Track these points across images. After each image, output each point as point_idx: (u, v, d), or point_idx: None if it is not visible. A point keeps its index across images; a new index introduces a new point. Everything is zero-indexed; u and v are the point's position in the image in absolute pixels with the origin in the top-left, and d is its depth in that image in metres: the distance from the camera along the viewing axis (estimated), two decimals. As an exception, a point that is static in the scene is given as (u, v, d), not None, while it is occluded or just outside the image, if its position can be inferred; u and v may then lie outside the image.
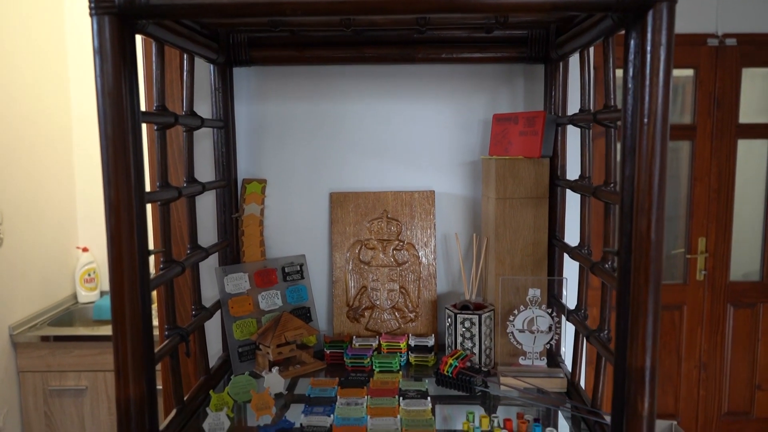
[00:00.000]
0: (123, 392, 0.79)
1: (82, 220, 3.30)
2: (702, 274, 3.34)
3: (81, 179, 3.30)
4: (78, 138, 3.28)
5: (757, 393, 3.42)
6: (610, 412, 0.84)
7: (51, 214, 3.11)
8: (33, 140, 2.94)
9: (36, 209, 2.96)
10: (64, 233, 3.20)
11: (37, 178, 2.98)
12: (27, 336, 2.73)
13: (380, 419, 0.95)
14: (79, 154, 3.27)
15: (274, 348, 1.13)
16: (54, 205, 3.13)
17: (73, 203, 3.31)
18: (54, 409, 2.77)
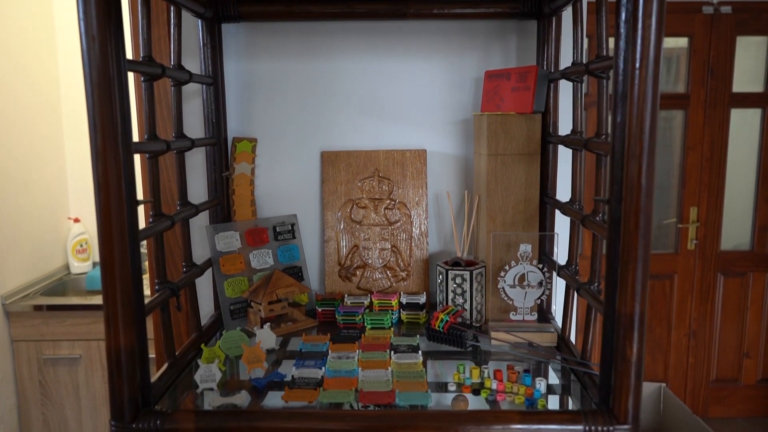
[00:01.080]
0: (113, 341, 0.79)
1: (73, 191, 3.29)
2: (693, 243, 3.36)
3: (71, 150, 3.28)
4: (67, 109, 3.24)
5: (744, 360, 3.47)
6: (599, 362, 0.85)
7: (41, 184, 3.08)
8: (22, 112, 2.90)
9: (26, 180, 2.93)
10: (54, 204, 3.18)
11: (27, 149, 2.95)
12: (20, 305, 2.73)
13: (371, 371, 0.96)
14: (69, 126, 3.24)
15: (265, 305, 1.13)
16: (44, 176, 3.10)
17: (64, 174, 3.29)
18: (48, 377, 2.78)
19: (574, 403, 0.93)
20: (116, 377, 0.80)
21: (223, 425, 0.82)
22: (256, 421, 0.81)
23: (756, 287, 3.40)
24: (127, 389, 0.80)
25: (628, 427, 0.80)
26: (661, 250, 3.40)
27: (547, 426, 0.81)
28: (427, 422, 0.81)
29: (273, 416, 0.82)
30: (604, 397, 0.82)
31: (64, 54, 3.13)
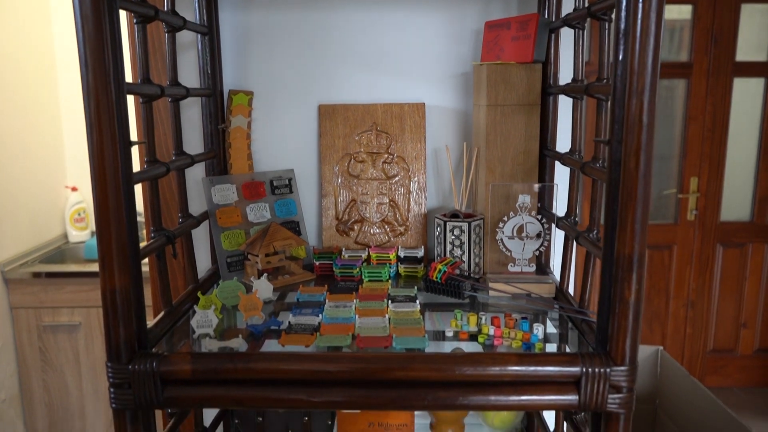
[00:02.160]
0: (108, 282, 0.78)
1: (70, 159, 3.27)
2: (693, 214, 3.35)
3: (67, 119, 3.25)
4: (63, 77, 3.21)
5: (742, 331, 3.48)
6: (597, 308, 0.85)
7: (37, 152, 3.07)
8: (17, 80, 2.88)
9: (22, 148, 2.92)
10: (51, 172, 3.17)
11: (23, 118, 2.93)
12: (19, 272, 2.73)
13: (368, 318, 0.96)
14: (65, 93, 3.21)
15: (262, 257, 1.13)
16: (40, 144, 3.09)
17: (60, 142, 3.27)
18: (48, 344, 2.79)
19: (572, 348, 0.93)
20: (112, 318, 0.79)
21: (219, 367, 0.81)
22: (252, 363, 0.81)
23: (755, 258, 3.40)
24: (122, 331, 0.80)
25: (625, 368, 0.79)
26: (661, 220, 3.40)
27: (544, 368, 0.81)
28: (424, 364, 0.81)
29: (269, 358, 0.82)
30: (602, 340, 0.82)
31: (58, 19, 3.10)
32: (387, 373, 0.81)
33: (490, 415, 1.27)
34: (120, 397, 0.81)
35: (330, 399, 0.82)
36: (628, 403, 0.81)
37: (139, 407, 0.82)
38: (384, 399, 0.82)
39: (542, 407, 0.82)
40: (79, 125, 3.20)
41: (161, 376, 0.81)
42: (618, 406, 0.80)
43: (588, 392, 0.80)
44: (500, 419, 1.26)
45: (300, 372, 0.81)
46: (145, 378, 0.81)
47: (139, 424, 0.83)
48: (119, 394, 0.81)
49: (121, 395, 0.81)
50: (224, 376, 0.81)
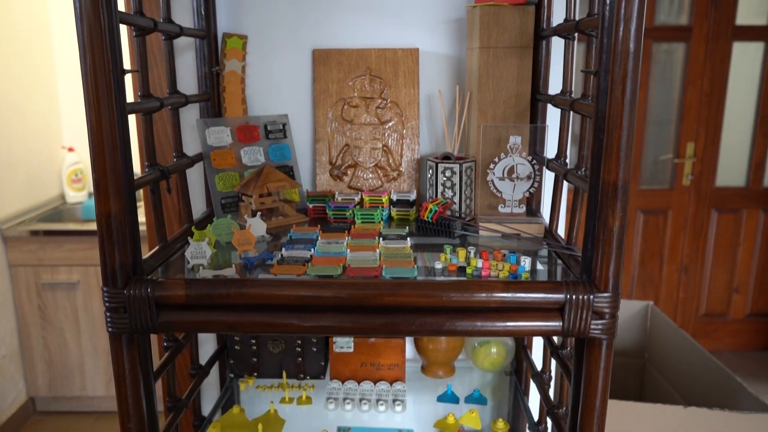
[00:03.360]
0: (103, 207, 0.80)
1: (66, 120, 3.27)
2: (688, 179, 3.37)
3: (63, 80, 3.24)
4: (58, 37, 3.19)
5: (734, 295, 3.52)
6: (582, 244, 0.87)
7: (34, 112, 3.06)
8: (11, 40, 2.86)
9: (17, 108, 2.91)
10: (48, 133, 3.17)
11: (17, 78, 2.92)
12: (17, 230, 2.75)
13: (360, 253, 0.97)
14: (61, 56, 3.19)
15: (256, 197, 1.14)
16: (36, 104, 3.08)
17: (56, 103, 3.26)
18: (47, 302, 2.82)
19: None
20: (107, 243, 0.81)
21: (212, 292, 0.83)
22: (245, 288, 0.83)
23: (749, 224, 3.43)
24: (118, 256, 0.81)
25: (608, 295, 0.81)
26: (656, 185, 3.41)
27: (529, 294, 0.83)
28: (413, 290, 0.83)
29: (262, 284, 0.84)
30: (586, 269, 0.84)
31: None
32: (376, 298, 0.83)
33: (480, 358, 1.29)
34: (116, 321, 0.83)
35: (321, 324, 0.84)
36: (611, 329, 0.83)
37: (134, 331, 0.84)
38: (373, 324, 0.84)
39: (527, 333, 0.84)
40: (75, 86, 3.19)
41: (156, 301, 0.83)
42: (601, 332, 0.83)
43: (572, 318, 0.83)
44: (490, 361, 1.29)
45: (292, 297, 0.83)
46: (140, 302, 0.83)
47: (135, 348, 0.86)
48: (115, 318, 0.83)
49: (116, 319, 0.83)
50: (218, 301, 0.83)
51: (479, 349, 1.29)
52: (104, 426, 2.87)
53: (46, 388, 2.88)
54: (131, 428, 0.87)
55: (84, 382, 2.89)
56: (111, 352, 0.85)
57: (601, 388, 0.85)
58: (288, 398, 1.22)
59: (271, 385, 1.28)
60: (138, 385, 0.86)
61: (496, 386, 1.33)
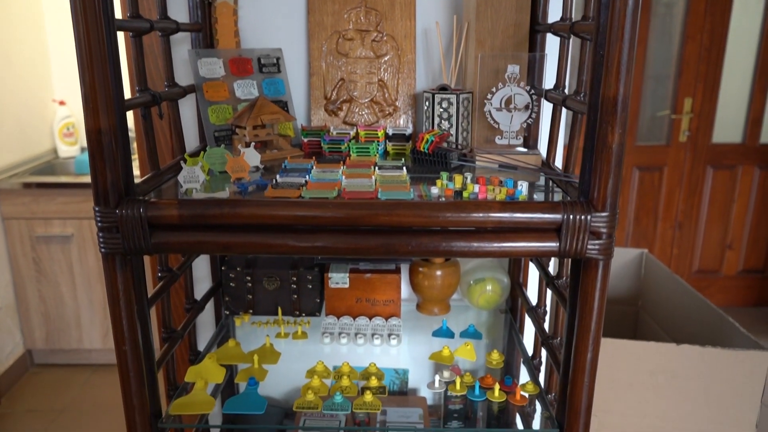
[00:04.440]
0: (93, 123, 0.78)
1: (57, 73, 3.21)
2: (685, 135, 3.35)
3: (53, 32, 3.17)
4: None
5: (727, 252, 3.54)
6: (579, 172, 0.86)
7: (23, 65, 3.01)
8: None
9: (6, 60, 2.86)
10: (38, 86, 3.12)
11: (4, 28, 2.85)
12: (9, 183, 2.73)
13: (355, 179, 0.96)
14: (49, 5, 3.12)
15: (250, 129, 1.12)
16: (26, 58, 3.02)
17: (46, 56, 3.19)
18: (42, 255, 2.81)
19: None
20: (98, 160, 0.79)
21: (206, 212, 0.82)
22: (239, 208, 0.82)
23: (744, 180, 3.43)
24: (109, 174, 0.80)
25: (605, 215, 0.81)
26: (653, 142, 3.39)
27: (526, 214, 0.82)
28: (409, 210, 0.82)
29: (256, 204, 0.83)
30: (584, 191, 0.83)
31: None
32: (372, 218, 0.82)
33: (475, 295, 1.30)
34: (108, 241, 0.82)
35: (316, 245, 0.84)
36: (608, 250, 0.83)
37: (127, 252, 0.83)
38: (369, 245, 0.84)
39: (523, 254, 0.84)
40: (65, 38, 3.13)
41: (149, 221, 0.82)
42: (597, 252, 0.82)
43: (568, 239, 0.82)
44: (485, 299, 1.30)
45: (286, 218, 0.82)
46: (133, 223, 0.82)
47: (129, 271, 0.85)
48: (107, 238, 0.82)
49: (109, 239, 0.82)
50: (211, 221, 0.83)
51: (474, 287, 1.30)
52: (101, 378, 2.90)
53: (43, 340, 2.89)
54: (126, 351, 0.87)
55: (81, 335, 2.90)
56: (104, 273, 0.85)
57: (597, 309, 0.86)
58: (284, 333, 1.23)
59: (266, 321, 1.28)
60: (132, 306, 0.86)
61: (491, 324, 1.33)
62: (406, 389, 1.42)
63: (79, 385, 2.84)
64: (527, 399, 1.03)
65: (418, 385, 1.46)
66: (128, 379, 0.88)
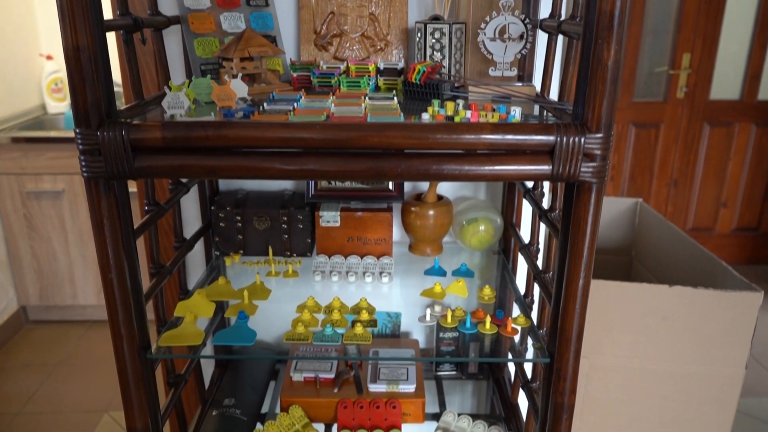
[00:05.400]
0: (71, 40, 0.75)
1: (43, 27, 3.14)
2: (683, 91, 3.32)
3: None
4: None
5: (721, 210, 3.54)
6: (575, 90, 0.83)
7: (6, 16, 2.93)
8: None
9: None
10: (24, 39, 3.05)
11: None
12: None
13: (345, 107, 0.94)
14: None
15: (237, 62, 1.09)
16: (10, 12, 2.95)
17: (31, 8, 3.12)
18: (33, 211, 2.79)
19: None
20: (77, 79, 0.76)
21: (190, 134, 0.80)
22: (224, 130, 0.80)
23: (741, 137, 3.41)
24: (89, 93, 0.77)
25: (600, 135, 0.79)
26: (650, 98, 3.36)
27: (519, 136, 0.80)
28: (399, 131, 0.80)
29: (242, 126, 0.81)
30: (578, 113, 0.81)
31: None
32: (361, 140, 0.80)
33: (468, 235, 1.29)
34: (90, 164, 0.80)
35: (304, 168, 0.82)
36: (601, 173, 0.81)
37: (110, 177, 0.81)
38: (358, 168, 0.82)
39: (515, 177, 0.82)
40: (50, -10, 3.06)
41: (132, 144, 0.80)
42: (591, 175, 0.81)
43: (561, 161, 0.80)
44: (477, 239, 1.29)
45: (273, 140, 0.80)
46: (116, 146, 0.79)
47: (112, 195, 0.83)
48: (89, 161, 0.80)
49: (91, 162, 0.80)
50: (196, 144, 0.80)
51: (467, 227, 1.29)
52: (96, 334, 2.91)
53: (36, 297, 2.89)
54: (112, 279, 0.86)
55: (75, 291, 2.90)
56: (87, 199, 0.83)
57: (590, 234, 0.84)
58: (274, 272, 1.22)
59: (257, 261, 1.27)
60: (116, 233, 0.84)
61: (484, 264, 1.33)
62: (399, 332, 1.42)
63: (74, 341, 2.85)
64: (518, 331, 1.03)
65: (410, 329, 1.46)
66: (115, 308, 0.87)
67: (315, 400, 1.22)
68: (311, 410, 1.23)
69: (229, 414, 1.20)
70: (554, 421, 0.93)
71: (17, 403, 2.40)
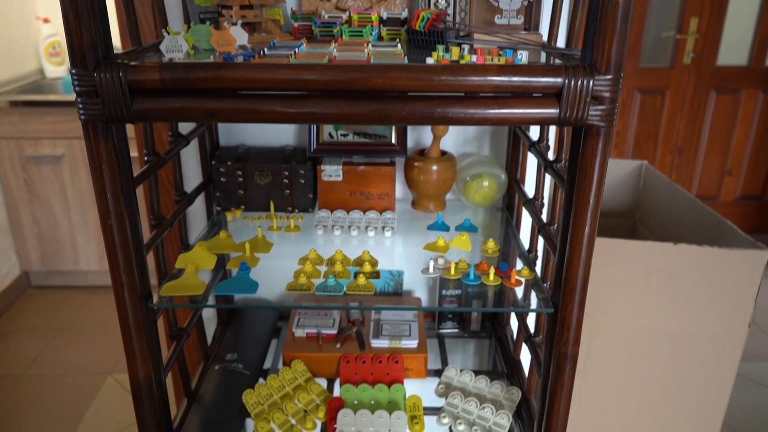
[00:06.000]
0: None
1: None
2: (689, 56, 3.27)
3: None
4: None
5: (726, 178, 3.52)
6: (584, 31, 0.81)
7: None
8: None
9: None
10: (21, 2, 3.00)
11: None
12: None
13: (347, 52, 0.92)
14: None
15: (237, 9, 1.07)
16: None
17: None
18: (33, 176, 2.78)
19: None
20: (72, 19, 0.74)
21: (190, 75, 0.78)
22: (224, 71, 0.78)
23: (747, 104, 3.37)
24: (85, 33, 0.75)
25: (609, 77, 0.77)
26: (656, 64, 3.31)
27: (526, 78, 0.78)
28: (403, 73, 0.78)
29: (242, 67, 0.79)
30: (587, 56, 0.79)
31: None
32: (364, 81, 0.78)
33: (471, 191, 1.27)
34: (88, 107, 0.78)
35: (305, 110, 0.80)
36: (609, 116, 0.79)
37: (108, 120, 0.79)
38: (361, 111, 0.80)
39: (521, 121, 0.81)
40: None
41: (130, 85, 0.78)
42: (599, 119, 0.79)
43: (569, 104, 0.78)
44: (481, 195, 1.27)
45: (274, 81, 0.78)
46: (113, 87, 0.77)
47: (110, 140, 0.82)
48: (87, 103, 0.78)
49: (88, 105, 0.78)
50: (195, 85, 0.78)
51: (471, 183, 1.27)
52: (99, 299, 2.92)
53: (38, 262, 2.89)
54: (111, 225, 0.85)
55: (77, 257, 2.90)
56: (85, 143, 0.81)
57: (597, 181, 0.83)
58: (276, 227, 1.21)
59: (258, 216, 1.26)
60: (115, 178, 0.83)
61: (488, 221, 1.31)
62: (401, 290, 1.42)
63: (77, 306, 2.86)
64: (522, 283, 1.02)
65: (413, 287, 1.46)
66: (115, 255, 0.86)
67: (317, 355, 1.22)
68: (313, 365, 1.23)
69: (231, 368, 1.21)
70: (557, 371, 0.93)
71: (21, 365, 2.42)
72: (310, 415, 1.12)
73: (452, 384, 1.21)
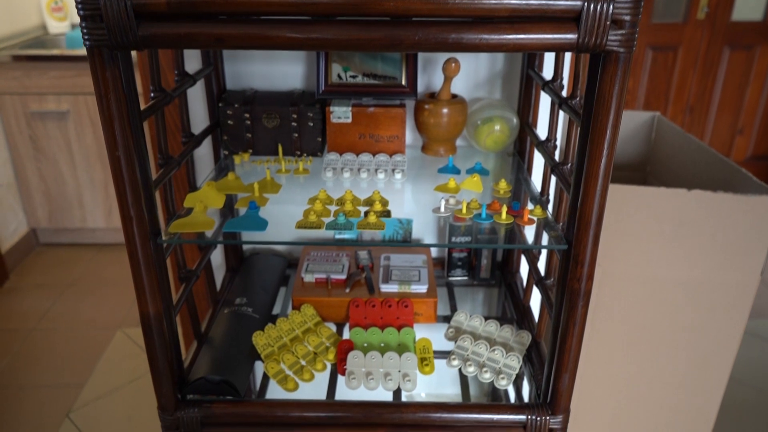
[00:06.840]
0: None
1: (40, -58, 3.02)
2: (704, 11, 3.19)
3: None
4: None
5: (737, 137, 3.47)
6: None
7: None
8: None
9: None
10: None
11: None
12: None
13: (357, -19, 0.89)
14: None
15: (243, -59, 1.03)
16: None
17: None
18: (38, 132, 2.76)
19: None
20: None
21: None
22: (231, -6, 0.76)
23: (761, 61, 3.30)
24: (87, -47, 0.73)
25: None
26: (669, 19, 3.24)
27: (543, 0, 0.75)
28: (416, -4, 0.75)
29: (249, -10, 0.76)
30: (608, -22, 0.76)
31: None
32: (376, 5, 0.75)
33: (482, 136, 1.25)
34: (92, 32, 0.76)
35: (315, 36, 0.78)
36: (629, 42, 0.77)
37: (114, 47, 0.77)
38: (373, 36, 0.78)
39: (538, 47, 0.78)
40: None
41: (135, 10, 0.76)
42: (619, 44, 0.76)
43: (588, 29, 0.76)
44: (492, 139, 1.25)
45: (283, 5, 0.76)
46: (118, 11, 0.75)
47: (116, 67, 0.80)
48: (91, 28, 0.76)
49: (93, 30, 0.76)
50: (202, 9, 0.76)
51: (482, 127, 1.25)
52: (107, 256, 2.93)
53: (46, 219, 2.90)
54: (119, 156, 0.84)
55: (84, 215, 2.90)
56: (91, 70, 0.79)
57: (615, 110, 0.81)
58: (284, 170, 1.19)
59: (266, 160, 1.24)
60: (121, 106, 0.81)
61: (499, 166, 1.29)
62: (410, 239, 1.41)
63: (85, 263, 2.87)
64: (535, 221, 1.01)
65: (422, 236, 1.45)
66: (123, 188, 0.85)
67: (326, 299, 1.22)
68: (323, 310, 1.23)
69: (240, 312, 1.21)
70: (570, 308, 0.92)
71: (32, 319, 2.45)
72: (320, 356, 1.12)
73: (462, 328, 1.21)
